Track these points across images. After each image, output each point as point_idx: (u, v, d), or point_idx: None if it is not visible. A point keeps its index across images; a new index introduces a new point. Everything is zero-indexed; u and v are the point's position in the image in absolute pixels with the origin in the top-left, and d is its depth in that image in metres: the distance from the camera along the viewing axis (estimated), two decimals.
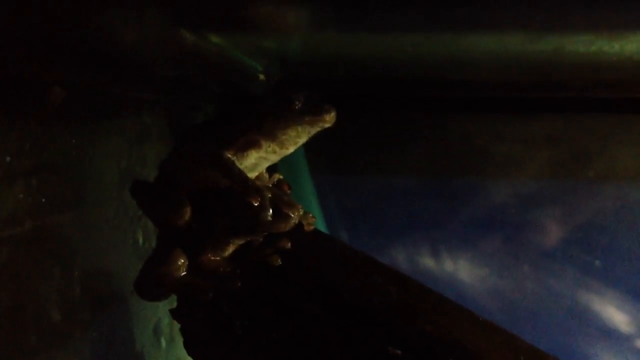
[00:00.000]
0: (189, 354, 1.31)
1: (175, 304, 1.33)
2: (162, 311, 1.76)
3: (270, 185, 1.36)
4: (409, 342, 1.09)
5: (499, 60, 1.35)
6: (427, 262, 2.27)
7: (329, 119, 1.21)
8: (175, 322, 1.34)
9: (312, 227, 1.31)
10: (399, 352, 1.08)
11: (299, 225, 1.27)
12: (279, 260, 1.23)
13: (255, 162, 1.29)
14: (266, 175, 1.40)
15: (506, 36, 1.12)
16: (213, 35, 1.13)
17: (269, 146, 1.26)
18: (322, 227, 2.22)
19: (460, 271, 2.25)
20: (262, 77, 1.49)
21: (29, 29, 0.86)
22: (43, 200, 1.17)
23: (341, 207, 2.29)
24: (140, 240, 1.62)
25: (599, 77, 1.52)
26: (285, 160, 1.34)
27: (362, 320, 1.13)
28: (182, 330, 1.31)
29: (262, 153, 1.27)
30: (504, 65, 1.38)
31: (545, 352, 1.12)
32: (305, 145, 1.29)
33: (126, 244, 1.56)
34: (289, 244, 1.26)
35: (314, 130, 1.24)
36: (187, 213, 1.26)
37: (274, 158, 1.30)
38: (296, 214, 1.23)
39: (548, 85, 1.68)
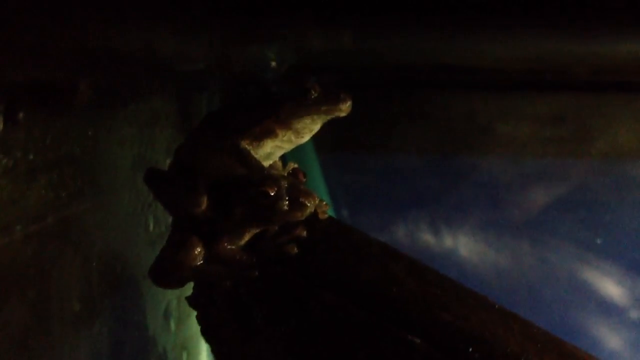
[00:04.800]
0: (206, 341, 1.32)
1: (186, 290, 1.34)
2: (171, 294, 1.77)
3: (286, 174, 1.36)
4: (427, 331, 1.10)
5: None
6: (429, 238, 2.29)
7: (344, 108, 1.21)
8: (183, 305, 1.35)
9: (326, 215, 1.31)
10: (418, 340, 1.09)
11: (314, 213, 1.27)
12: (295, 249, 1.24)
13: (270, 151, 1.29)
14: (280, 163, 1.40)
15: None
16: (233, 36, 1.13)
17: (285, 135, 1.26)
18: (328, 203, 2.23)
19: (461, 247, 2.27)
20: (273, 63, 1.48)
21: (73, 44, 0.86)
22: (64, 193, 1.17)
23: (344, 183, 2.29)
24: (151, 226, 1.62)
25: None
26: None
27: (380, 310, 1.14)
28: (199, 318, 1.32)
29: (277, 142, 1.27)
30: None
31: (561, 339, 1.14)
32: None
33: (138, 229, 1.56)
34: (305, 233, 1.26)
35: (329, 118, 1.23)
36: (204, 202, 1.26)
37: (289, 147, 1.30)
38: (312, 202, 1.23)
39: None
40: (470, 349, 1.07)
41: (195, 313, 1.33)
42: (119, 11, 0.80)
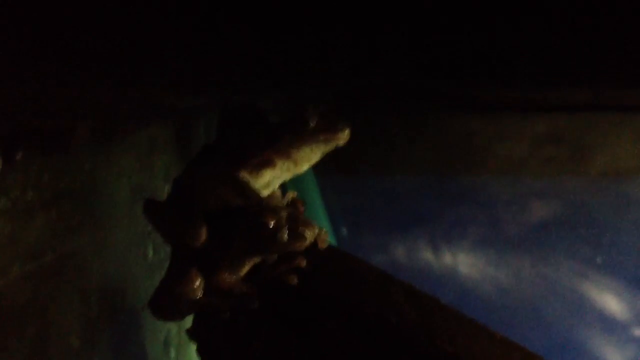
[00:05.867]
0: None
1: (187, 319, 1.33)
2: (171, 322, 1.77)
3: (285, 204, 1.36)
4: None
5: None
6: (428, 257, 2.29)
7: (343, 137, 1.21)
8: (183, 333, 1.34)
9: (326, 245, 1.31)
10: None
11: (314, 242, 1.27)
12: (296, 279, 1.23)
13: (269, 181, 1.28)
14: (279, 193, 1.39)
15: None
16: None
17: (284, 164, 1.26)
18: (326, 225, 2.23)
19: (461, 266, 2.27)
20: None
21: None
22: (61, 229, 1.17)
23: (343, 205, 2.29)
24: (150, 254, 1.62)
25: None
26: None
27: (380, 339, 1.14)
28: (199, 351, 1.32)
29: (276, 172, 1.26)
30: None
31: None
32: None
33: (137, 258, 1.56)
34: (305, 262, 1.26)
35: (328, 148, 1.23)
36: (204, 234, 1.26)
37: (288, 176, 1.30)
38: (312, 232, 1.23)
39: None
40: None
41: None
42: (121, 70, 0.80)
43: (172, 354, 1.79)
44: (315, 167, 2.13)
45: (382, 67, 0.87)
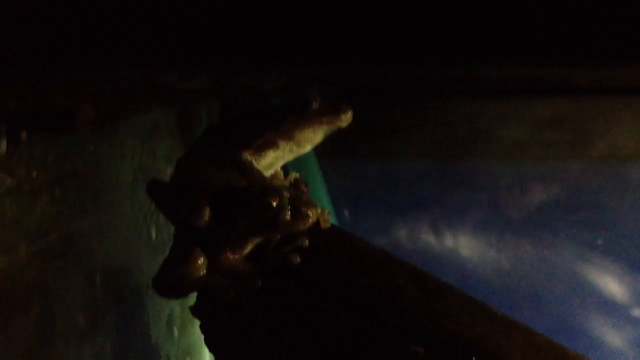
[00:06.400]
0: (210, 351, 1.32)
1: (189, 297, 1.34)
2: (174, 302, 1.78)
3: (288, 185, 1.37)
4: (430, 340, 1.11)
5: None
6: (430, 240, 2.30)
7: (345, 119, 1.22)
8: (186, 312, 1.35)
9: (328, 225, 1.32)
10: (421, 350, 1.10)
11: (316, 223, 1.27)
12: (298, 259, 1.24)
13: (271, 162, 1.29)
14: (281, 173, 1.40)
15: None
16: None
17: (286, 146, 1.27)
18: (328, 208, 2.23)
19: (463, 249, 2.28)
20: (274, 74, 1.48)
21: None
22: (66, 209, 1.18)
23: (345, 188, 2.30)
24: (154, 234, 1.63)
25: None
26: None
27: (382, 319, 1.15)
28: (202, 328, 1.33)
29: (279, 153, 1.27)
30: None
31: (564, 347, 1.15)
32: None
33: (140, 239, 1.57)
34: (307, 242, 1.27)
35: (331, 129, 1.24)
36: (207, 213, 1.26)
37: (290, 157, 1.31)
38: (314, 212, 1.23)
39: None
40: (473, 358, 1.07)
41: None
42: (122, 48, 0.81)
43: (175, 333, 1.81)
44: (318, 151, 2.15)
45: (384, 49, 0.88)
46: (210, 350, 1.32)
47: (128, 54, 0.82)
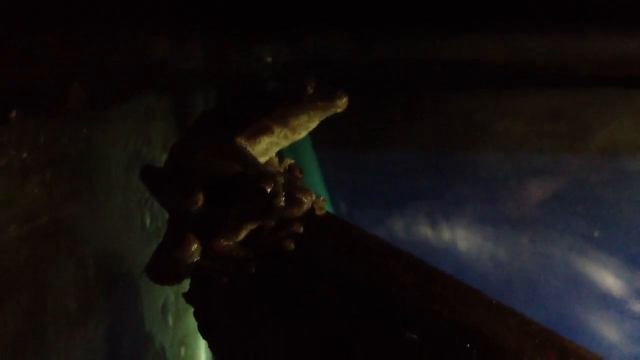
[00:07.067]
0: (204, 337, 1.32)
1: (183, 285, 1.33)
2: (168, 290, 1.77)
3: (282, 171, 1.36)
4: (425, 327, 1.10)
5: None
6: (426, 233, 2.29)
7: (341, 104, 1.20)
8: (180, 300, 1.35)
9: (323, 211, 1.31)
10: (415, 336, 1.09)
11: (311, 209, 1.27)
12: (293, 245, 1.24)
13: (266, 147, 1.28)
14: (276, 160, 1.39)
15: None
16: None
17: (281, 132, 1.26)
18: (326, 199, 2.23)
19: (459, 242, 2.27)
20: (269, 59, 1.48)
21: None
22: (58, 192, 1.17)
23: (342, 180, 2.29)
24: (148, 222, 1.62)
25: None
26: None
27: (377, 305, 1.14)
28: (196, 314, 1.32)
29: (273, 138, 1.26)
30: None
31: (559, 335, 1.14)
32: None
33: (134, 226, 1.56)
34: (302, 229, 1.26)
35: (325, 115, 1.23)
36: (200, 199, 1.26)
37: (285, 143, 1.30)
38: (309, 199, 1.23)
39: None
40: (468, 345, 1.07)
41: (192, 308, 1.33)
42: (110, 16, 0.80)
43: (170, 321, 1.80)
44: (315, 142, 2.14)
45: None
46: (204, 336, 1.32)
47: (116, 20, 0.81)
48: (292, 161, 1.42)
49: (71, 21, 0.79)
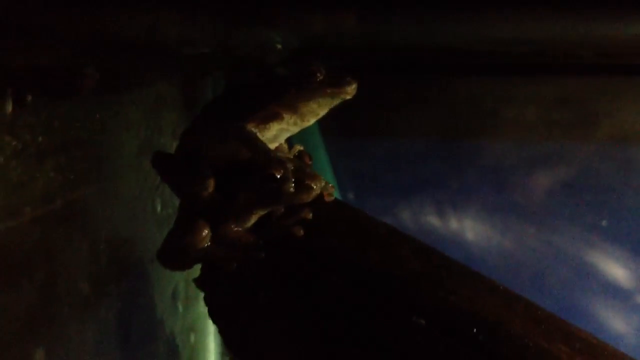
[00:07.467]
0: (214, 322, 1.33)
1: (193, 272, 1.35)
2: (178, 276, 1.79)
3: (292, 157, 1.37)
4: (432, 313, 1.11)
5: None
6: (434, 221, 2.29)
7: (350, 91, 1.21)
8: (190, 287, 1.36)
9: (332, 198, 1.32)
10: (422, 322, 1.10)
11: (320, 195, 1.27)
12: (302, 231, 1.25)
13: (276, 134, 1.29)
14: (286, 146, 1.40)
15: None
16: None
17: (290, 118, 1.26)
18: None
19: (467, 231, 2.27)
20: (279, 46, 1.48)
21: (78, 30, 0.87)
22: (72, 176, 1.18)
23: (350, 167, 2.30)
24: (159, 208, 1.63)
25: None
26: None
27: (384, 291, 1.15)
28: (206, 299, 1.34)
29: (283, 125, 1.27)
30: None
31: (565, 321, 1.15)
32: None
33: (146, 212, 1.58)
34: (311, 215, 1.27)
35: (335, 101, 1.24)
36: (211, 185, 1.27)
37: (295, 129, 1.30)
38: (318, 185, 1.23)
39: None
40: (475, 330, 1.08)
41: (202, 295, 1.34)
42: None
43: (180, 308, 1.82)
44: (322, 129, 2.15)
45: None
46: (214, 321, 1.33)
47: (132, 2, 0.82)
48: (302, 147, 1.42)
49: (85, 2, 0.80)
